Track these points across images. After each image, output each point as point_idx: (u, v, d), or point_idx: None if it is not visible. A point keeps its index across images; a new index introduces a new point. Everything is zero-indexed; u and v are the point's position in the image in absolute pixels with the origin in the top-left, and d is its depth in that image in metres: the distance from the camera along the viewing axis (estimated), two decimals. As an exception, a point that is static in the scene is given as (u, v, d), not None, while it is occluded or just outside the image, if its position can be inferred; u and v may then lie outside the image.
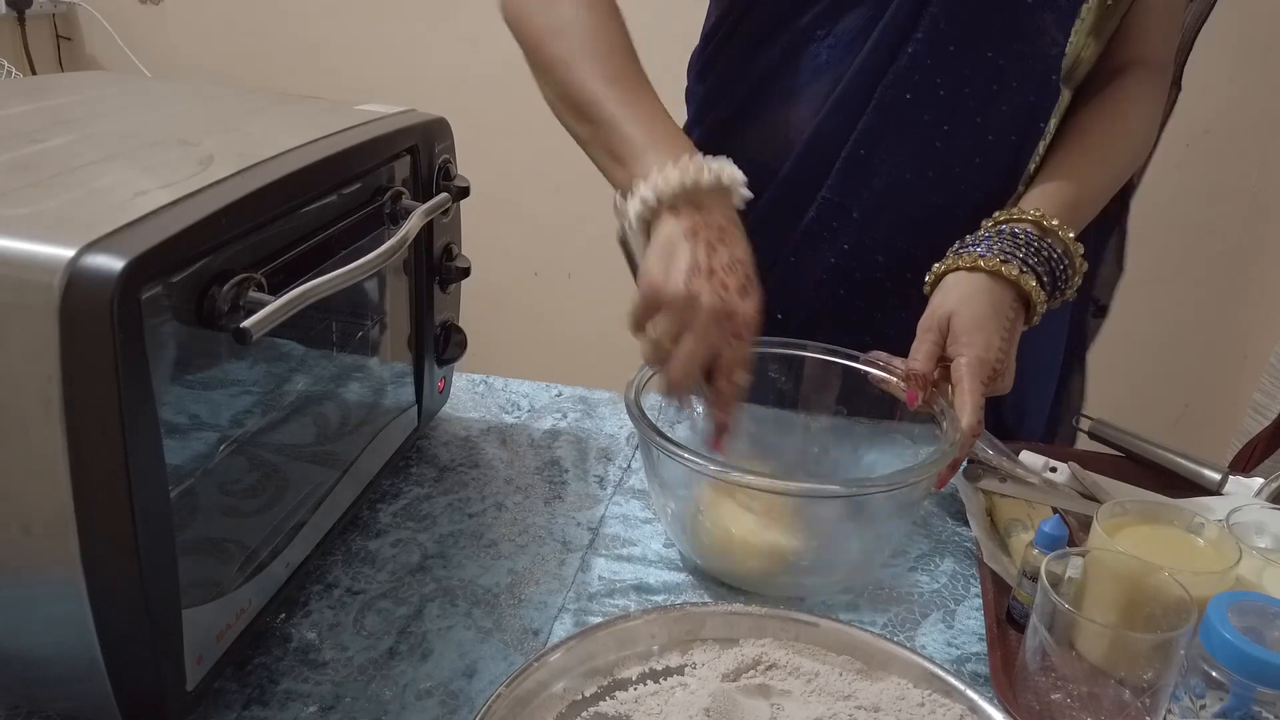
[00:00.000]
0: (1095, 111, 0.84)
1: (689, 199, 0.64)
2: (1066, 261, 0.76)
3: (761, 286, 0.66)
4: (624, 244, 0.68)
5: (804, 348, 0.79)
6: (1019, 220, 0.77)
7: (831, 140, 0.85)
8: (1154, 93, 0.87)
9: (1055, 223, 0.76)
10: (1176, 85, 0.95)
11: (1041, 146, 0.83)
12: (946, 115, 0.83)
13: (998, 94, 0.82)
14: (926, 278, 0.79)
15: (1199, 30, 0.94)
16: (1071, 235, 0.76)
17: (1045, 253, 0.76)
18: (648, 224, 0.66)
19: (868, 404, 0.78)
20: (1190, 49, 0.96)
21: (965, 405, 0.69)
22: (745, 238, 0.66)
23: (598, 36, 0.72)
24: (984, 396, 0.71)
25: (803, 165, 0.87)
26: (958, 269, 0.76)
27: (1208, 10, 0.93)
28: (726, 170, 0.65)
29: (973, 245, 0.77)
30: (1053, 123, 0.83)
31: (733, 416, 0.66)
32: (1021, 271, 0.74)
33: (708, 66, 0.94)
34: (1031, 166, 0.84)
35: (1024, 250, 0.75)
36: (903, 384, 0.74)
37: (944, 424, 0.71)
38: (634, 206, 0.65)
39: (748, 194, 0.67)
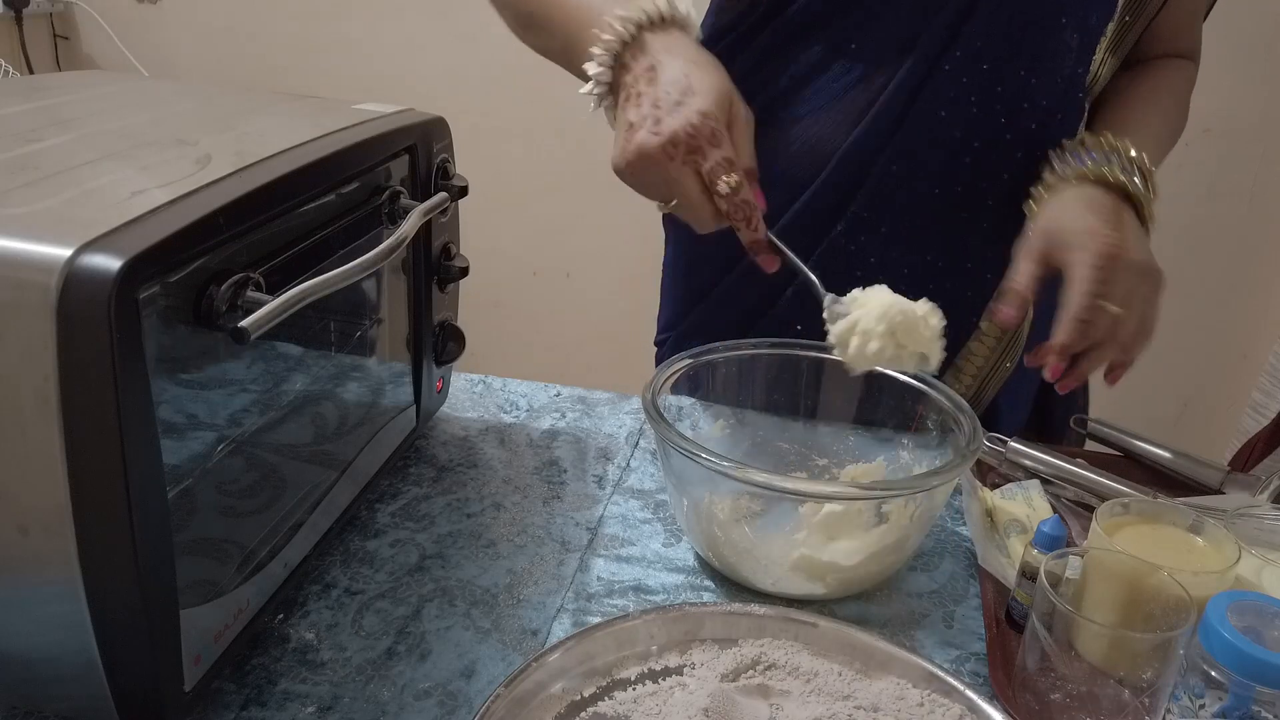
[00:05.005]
0: (1139, 79, 0.87)
1: (626, 62, 0.65)
2: (1147, 182, 0.76)
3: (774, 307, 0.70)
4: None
5: (824, 350, 0.79)
6: (1099, 143, 0.77)
7: (865, 156, 0.84)
8: (1186, 75, 0.90)
9: (1135, 153, 0.75)
10: None
11: None
12: (977, 131, 0.83)
13: (1026, 111, 0.83)
14: (1030, 203, 0.78)
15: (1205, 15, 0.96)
16: (1145, 158, 0.76)
17: (1132, 166, 0.75)
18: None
19: (885, 411, 0.78)
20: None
21: (1073, 286, 0.67)
22: (682, 56, 0.65)
23: None
24: (1096, 298, 0.67)
25: (835, 180, 0.86)
26: (1056, 186, 0.75)
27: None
28: (649, 7, 0.65)
29: (1070, 160, 0.76)
30: (1079, 137, 0.83)
31: (757, 227, 0.65)
32: (1123, 172, 0.73)
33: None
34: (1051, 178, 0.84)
35: (1116, 158, 0.75)
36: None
37: (958, 427, 0.70)
38: (596, 80, 0.67)
39: (687, 14, 0.67)
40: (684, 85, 0.63)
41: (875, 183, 0.85)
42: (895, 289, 0.87)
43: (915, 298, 0.87)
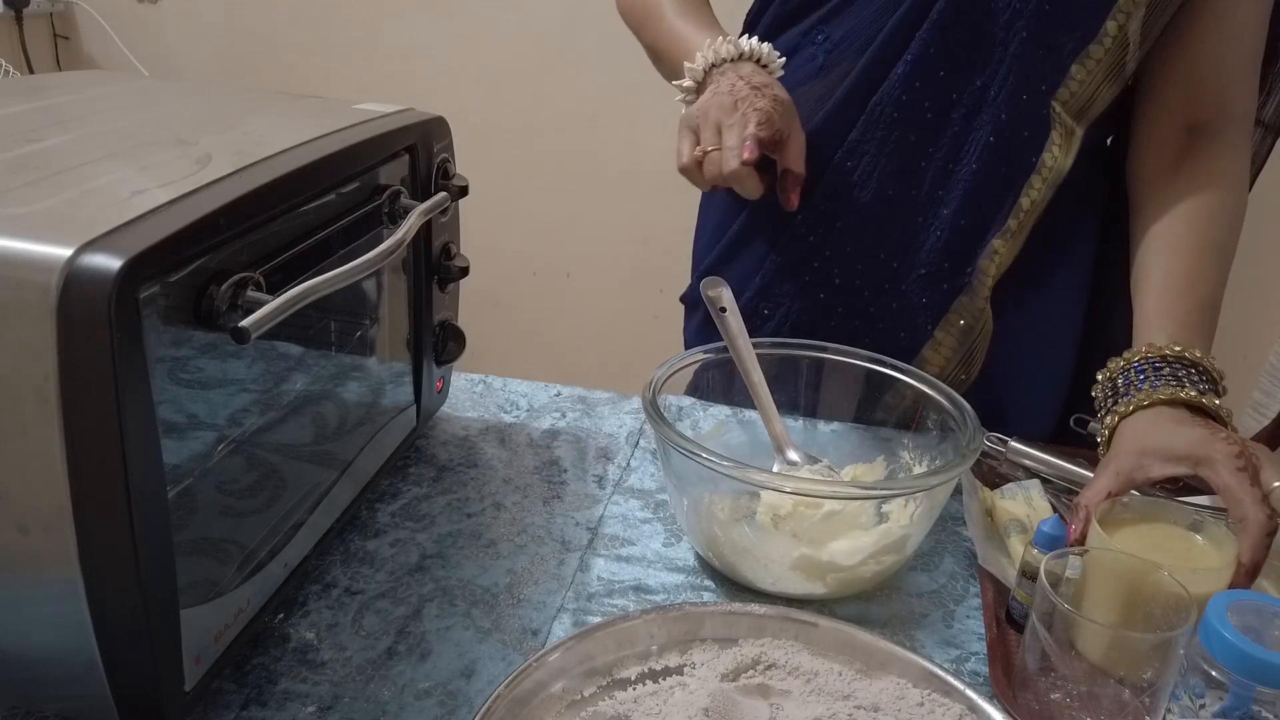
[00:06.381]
0: (1196, 200, 0.81)
1: (717, 72, 0.80)
2: (1216, 382, 0.72)
3: (748, 289, 0.76)
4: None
5: (824, 350, 0.79)
6: (1163, 354, 0.72)
7: (822, 147, 0.85)
8: (1243, 155, 0.84)
9: (1197, 354, 0.71)
10: (1275, 132, 0.92)
11: (1036, 180, 0.82)
12: (932, 138, 0.83)
13: (986, 123, 0.81)
14: (1098, 438, 0.73)
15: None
16: (1214, 361, 0.72)
17: (1201, 374, 0.71)
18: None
19: (885, 411, 0.78)
20: None
21: (1239, 501, 0.61)
22: (770, 81, 0.80)
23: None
24: (1262, 502, 0.61)
25: None
26: (1132, 411, 0.70)
27: None
28: (748, 44, 0.81)
29: (1137, 385, 0.71)
30: (1046, 157, 0.82)
31: (800, 166, 0.80)
32: (1200, 393, 0.69)
33: None
34: (1025, 201, 0.83)
35: (1187, 374, 0.70)
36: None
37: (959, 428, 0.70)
38: (682, 87, 0.82)
39: (775, 57, 0.82)
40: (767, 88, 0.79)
41: (832, 176, 0.85)
42: (849, 287, 0.88)
43: (868, 297, 0.88)
